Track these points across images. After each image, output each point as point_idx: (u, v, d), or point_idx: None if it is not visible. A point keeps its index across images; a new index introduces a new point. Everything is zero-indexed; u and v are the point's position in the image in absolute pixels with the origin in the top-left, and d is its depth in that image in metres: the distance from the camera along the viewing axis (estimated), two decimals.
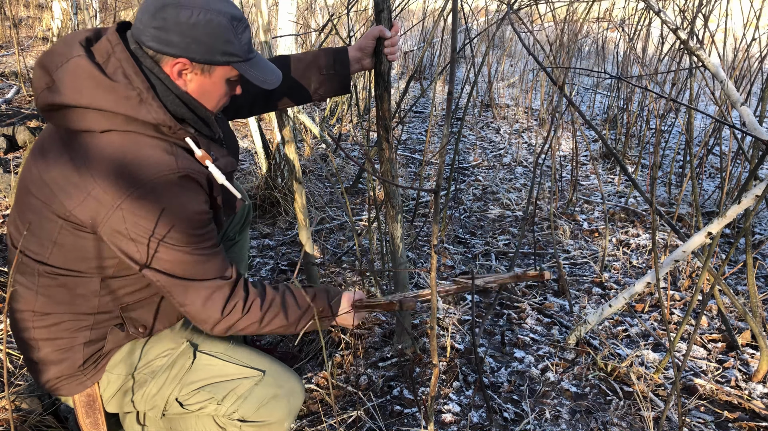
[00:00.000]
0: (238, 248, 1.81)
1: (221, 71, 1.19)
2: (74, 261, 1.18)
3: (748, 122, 1.63)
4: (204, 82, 1.19)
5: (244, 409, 1.30)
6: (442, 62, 5.53)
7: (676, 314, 2.39)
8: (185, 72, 1.17)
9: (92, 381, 1.29)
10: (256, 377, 1.33)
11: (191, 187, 1.15)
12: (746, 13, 3.24)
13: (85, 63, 1.10)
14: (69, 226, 1.14)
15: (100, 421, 1.33)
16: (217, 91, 1.22)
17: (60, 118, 1.13)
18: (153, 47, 1.13)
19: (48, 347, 1.24)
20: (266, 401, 1.31)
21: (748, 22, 3.28)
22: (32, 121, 4.06)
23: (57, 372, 1.26)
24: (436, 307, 1.52)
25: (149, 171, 1.09)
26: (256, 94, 1.59)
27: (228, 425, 1.32)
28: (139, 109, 1.10)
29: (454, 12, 0.96)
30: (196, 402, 1.31)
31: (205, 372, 1.33)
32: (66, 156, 1.12)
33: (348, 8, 2.75)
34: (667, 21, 1.62)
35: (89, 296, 1.22)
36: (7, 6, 7.04)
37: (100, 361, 1.29)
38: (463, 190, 3.66)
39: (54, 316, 1.23)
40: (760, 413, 1.82)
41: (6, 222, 1.27)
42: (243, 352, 1.38)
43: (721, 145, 3.20)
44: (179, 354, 1.33)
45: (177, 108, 1.18)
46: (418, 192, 3.32)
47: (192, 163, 1.16)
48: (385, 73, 1.57)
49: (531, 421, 1.76)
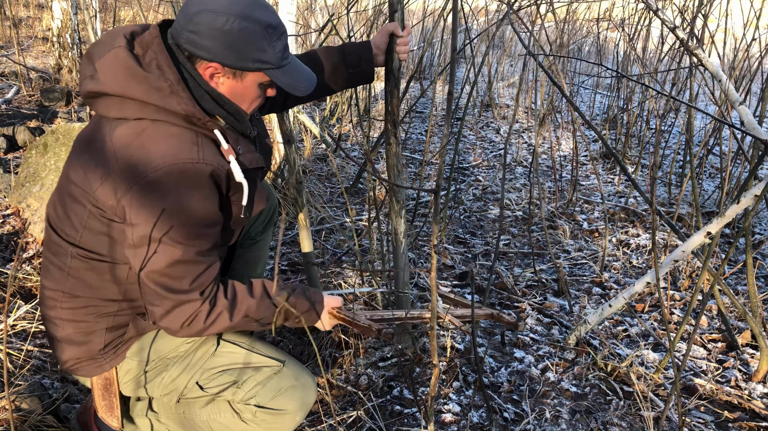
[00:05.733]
0: (257, 248, 1.82)
1: (253, 76, 1.22)
2: (102, 246, 1.22)
3: (747, 122, 1.64)
4: (236, 85, 1.22)
5: (262, 395, 1.31)
6: (442, 62, 5.54)
7: (676, 314, 2.39)
8: (217, 75, 1.20)
9: (110, 365, 1.33)
10: (276, 367, 1.36)
11: (205, 183, 1.16)
12: (746, 13, 3.24)
13: (124, 54, 1.15)
14: (96, 212, 1.19)
15: (115, 404, 1.37)
16: (249, 94, 1.25)
17: (99, 106, 1.18)
18: (188, 49, 1.17)
19: (71, 328, 1.28)
20: (283, 390, 1.33)
21: (748, 22, 3.28)
22: (32, 121, 4.06)
23: (77, 353, 1.30)
24: (436, 307, 1.52)
25: (170, 158, 1.12)
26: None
27: (244, 410, 1.33)
28: (170, 99, 1.14)
29: (454, 12, 0.96)
30: (217, 385, 1.33)
31: (228, 358, 1.36)
32: (99, 142, 1.18)
33: (348, 8, 2.75)
34: (666, 20, 1.62)
35: (116, 283, 1.26)
36: (7, 6, 7.04)
37: (120, 347, 1.32)
38: (463, 189, 3.66)
39: (81, 299, 1.27)
40: (760, 413, 1.82)
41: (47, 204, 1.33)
42: (263, 345, 1.41)
43: (721, 145, 3.21)
44: (203, 341, 1.36)
45: (207, 103, 1.20)
46: (418, 192, 3.32)
47: (215, 156, 1.18)
48: (395, 70, 1.64)
49: (531, 421, 1.76)
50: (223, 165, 1.19)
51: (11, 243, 2.51)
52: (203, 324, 1.22)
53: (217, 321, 1.24)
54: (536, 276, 2.64)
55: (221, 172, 1.18)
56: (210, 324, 1.23)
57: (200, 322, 1.22)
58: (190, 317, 1.20)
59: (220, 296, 1.24)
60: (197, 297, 1.20)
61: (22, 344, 1.91)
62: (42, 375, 1.80)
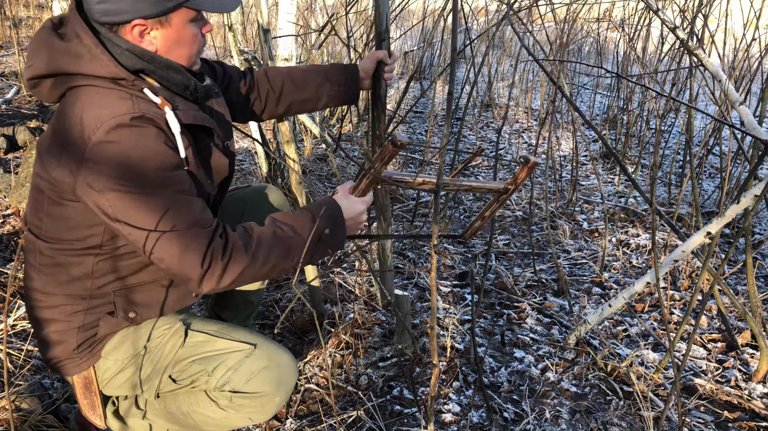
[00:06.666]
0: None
1: (178, 16, 1.20)
2: (63, 231, 1.24)
3: (747, 122, 1.64)
4: (168, 34, 1.21)
5: (235, 380, 1.29)
6: (442, 62, 5.54)
7: (676, 314, 2.39)
8: (145, 32, 1.19)
9: (88, 365, 1.34)
10: (247, 350, 1.32)
11: (148, 129, 1.14)
12: (746, 13, 3.24)
13: (46, 33, 1.18)
14: (55, 195, 1.20)
15: (96, 403, 1.38)
16: (184, 38, 1.23)
17: (40, 93, 1.21)
18: (106, 21, 1.16)
19: (49, 327, 1.31)
20: (257, 372, 1.29)
21: (748, 22, 3.28)
22: (32, 121, 4.06)
23: (56, 352, 1.32)
24: (436, 307, 1.52)
25: (105, 117, 1.11)
26: (266, 97, 1.65)
27: (220, 397, 1.31)
28: (92, 64, 1.14)
29: (454, 12, 0.96)
30: (188, 376, 1.32)
31: (197, 348, 1.33)
32: (49, 128, 1.21)
33: (348, 9, 2.76)
34: (666, 20, 1.62)
35: (83, 278, 1.27)
36: (7, 6, 7.04)
37: (95, 346, 1.33)
38: None
39: (53, 297, 1.29)
40: (760, 413, 1.82)
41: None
42: (236, 331, 1.37)
43: (720, 145, 3.21)
44: (172, 334, 1.35)
45: (129, 60, 1.19)
46: (418, 192, 3.32)
47: (151, 107, 1.17)
48: (382, 95, 1.68)
49: (531, 421, 1.76)
50: (161, 113, 1.17)
51: (11, 244, 2.51)
52: (222, 262, 1.16)
53: (235, 257, 1.18)
54: (536, 276, 2.64)
55: (160, 121, 1.16)
56: (229, 261, 1.17)
57: (218, 260, 1.16)
58: (206, 254, 1.15)
59: (229, 231, 1.21)
60: (203, 231, 1.16)
61: (22, 344, 1.91)
62: (42, 375, 1.80)
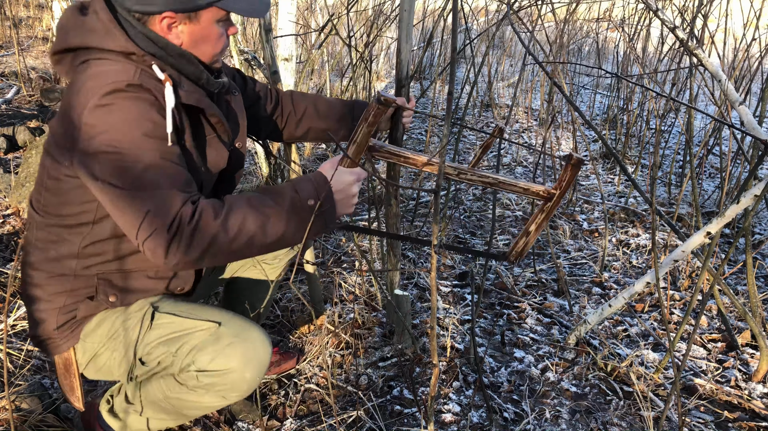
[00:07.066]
0: None
1: (207, 14, 1.24)
2: (57, 206, 1.27)
3: (747, 122, 1.64)
4: (194, 29, 1.24)
5: (200, 360, 1.26)
6: (442, 62, 5.54)
7: (676, 314, 2.39)
8: (174, 25, 1.23)
9: (67, 346, 1.35)
10: (211, 328, 1.30)
11: (143, 95, 1.16)
12: (746, 13, 3.24)
13: (70, 12, 1.24)
14: (54, 170, 1.23)
15: (76, 385, 1.40)
16: (210, 36, 1.27)
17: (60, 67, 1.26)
18: (138, 10, 1.20)
19: (35, 304, 1.34)
20: (221, 349, 1.26)
21: (748, 22, 3.28)
22: (32, 121, 4.06)
23: (39, 330, 1.35)
24: (436, 307, 1.52)
25: (103, 83, 1.15)
26: (287, 118, 1.70)
27: (188, 379, 1.28)
28: (106, 39, 1.19)
29: (454, 12, 0.96)
30: (155, 358, 1.31)
31: (163, 329, 1.32)
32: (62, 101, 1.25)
33: (348, 8, 2.76)
34: (666, 20, 1.62)
35: (69, 257, 1.30)
36: (7, 6, 7.04)
37: (75, 328, 1.35)
38: (463, 190, 3.66)
39: (41, 274, 1.32)
40: (760, 413, 1.82)
41: None
42: (205, 310, 1.35)
43: (720, 145, 3.21)
44: (141, 317, 1.34)
45: (142, 41, 1.22)
46: (418, 192, 3.32)
47: (152, 80, 1.19)
48: (399, 138, 1.68)
49: (531, 421, 1.76)
50: (161, 88, 1.19)
51: (11, 244, 2.51)
52: (189, 226, 1.10)
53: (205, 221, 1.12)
54: (536, 276, 2.64)
55: (157, 92, 1.18)
56: (197, 226, 1.11)
57: (186, 225, 1.11)
58: (175, 218, 1.10)
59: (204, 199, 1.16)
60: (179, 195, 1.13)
61: (22, 344, 1.91)
62: (42, 375, 1.80)
